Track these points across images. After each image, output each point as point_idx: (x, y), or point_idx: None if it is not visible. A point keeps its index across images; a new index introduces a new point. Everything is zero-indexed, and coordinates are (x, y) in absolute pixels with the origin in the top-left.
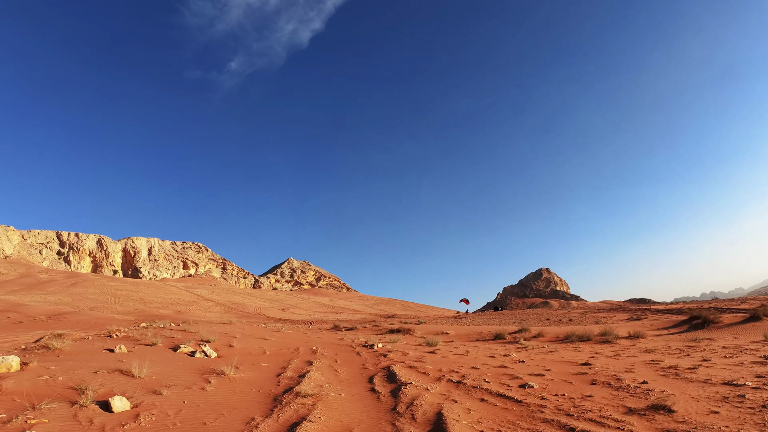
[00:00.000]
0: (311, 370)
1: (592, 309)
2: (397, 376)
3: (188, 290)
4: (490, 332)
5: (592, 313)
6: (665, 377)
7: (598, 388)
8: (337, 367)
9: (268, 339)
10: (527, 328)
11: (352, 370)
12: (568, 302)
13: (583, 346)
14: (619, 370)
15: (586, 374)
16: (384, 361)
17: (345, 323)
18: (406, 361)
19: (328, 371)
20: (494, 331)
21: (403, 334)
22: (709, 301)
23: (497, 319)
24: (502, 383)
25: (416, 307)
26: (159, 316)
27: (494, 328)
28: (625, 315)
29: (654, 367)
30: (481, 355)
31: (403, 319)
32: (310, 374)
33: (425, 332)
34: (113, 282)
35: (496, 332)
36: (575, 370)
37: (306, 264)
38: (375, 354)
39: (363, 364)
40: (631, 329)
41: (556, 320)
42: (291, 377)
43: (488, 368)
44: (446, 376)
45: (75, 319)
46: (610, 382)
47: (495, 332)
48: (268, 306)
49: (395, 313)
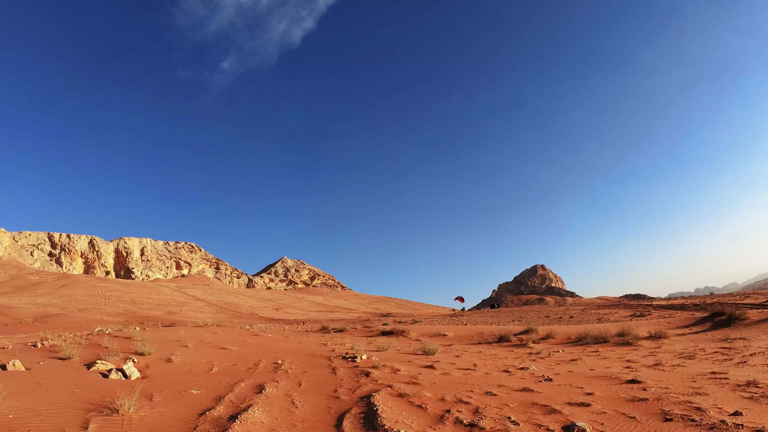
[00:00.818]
0: (256, 402)
1: (590, 305)
2: (380, 415)
3: (180, 290)
4: (492, 333)
5: (592, 310)
6: (754, 402)
7: (681, 429)
8: (297, 395)
9: (227, 349)
10: (533, 328)
11: (316, 402)
12: (563, 298)
13: (604, 350)
14: (684, 391)
15: (645, 400)
16: (366, 384)
17: (337, 323)
18: (394, 385)
19: (280, 404)
20: (497, 332)
21: (396, 337)
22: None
23: (495, 317)
24: (536, 423)
25: (411, 305)
26: (149, 317)
27: (496, 328)
28: (626, 311)
29: (723, 384)
30: (492, 368)
31: (397, 318)
32: (249, 413)
33: (421, 333)
34: (104, 283)
35: (500, 333)
36: (625, 392)
37: (300, 263)
38: (355, 371)
39: (336, 389)
40: (651, 329)
41: (556, 318)
42: (218, 418)
43: (508, 393)
44: (453, 412)
45: (62, 321)
46: (690, 416)
47: (498, 333)
48: (261, 306)
49: (390, 312)
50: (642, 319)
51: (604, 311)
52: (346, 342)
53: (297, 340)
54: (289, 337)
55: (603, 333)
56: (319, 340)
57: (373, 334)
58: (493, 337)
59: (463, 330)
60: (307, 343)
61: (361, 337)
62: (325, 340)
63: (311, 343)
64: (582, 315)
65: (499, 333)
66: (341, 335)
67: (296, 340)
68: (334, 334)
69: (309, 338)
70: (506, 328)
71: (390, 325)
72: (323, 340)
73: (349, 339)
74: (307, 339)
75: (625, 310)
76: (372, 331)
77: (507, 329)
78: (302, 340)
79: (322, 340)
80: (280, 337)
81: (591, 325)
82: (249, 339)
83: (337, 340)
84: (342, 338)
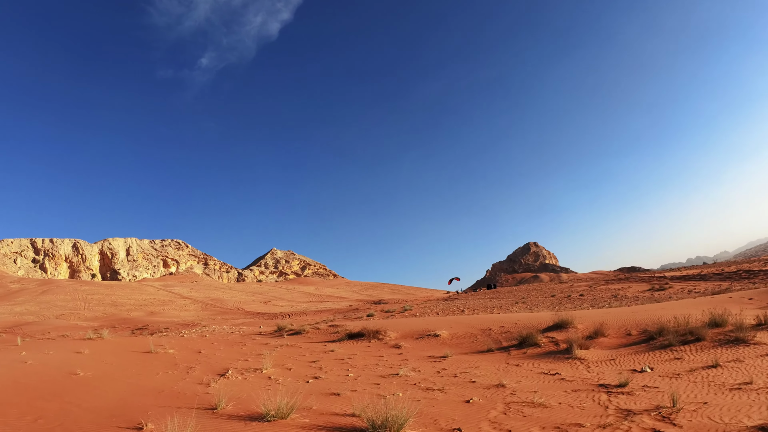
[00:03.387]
0: None
1: (596, 281)
2: None
3: (166, 289)
4: (504, 328)
5: (600, 285)
6: None
7: None
8: None
9: None
10: (568, 320)
11: None
12: (558, 275)
13: (711, 354)
14: None
15: None
16: None
17: (312, 317)
18: None
19: None
20: (511, 327)
21: (367, 341)
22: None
23: (494, 299)
24: None
25: (405, 290)
26: (129, 319)
27: (506, 318)
28: (641, 285)
29: None
30: None
31: (387, 306)
32: None
33: (404, 333)
34: (86, 287)
35: (518, 331)
36: None
37: (290, 253)
38: None
39: None
40: (760, 313)
41: (563, 297)
42: None
43: None
44: None
45: (35, 329)
46: None
47: (514, 330)
48: (249, 300)
49: (383, 298)
50: (662, 292)
51: (616, 286)
52: (286, 361)
53: (189, 364)
54: (201, 352)
55: (687, 323)
56: (236, 355)
57: (338, 336)
58: (508, 336)
59: (462, 324)
60: (193, 374)
61: (316, 344)
62: (245, 355)
63: (210, 367)
64: (592, 292)
65: (514, 329)
66: (295, 340)
67: (187, 365)
68: (288, 338)
69: (226, 353)
70: (522, 318)
71: (365, 323)
72: (241, 356)
73: (288, 355)
74: (218, 356)
75: (638, 284)
76: (339, 333)
77: (526, 322)
78: (206, 359)
79: (242, 355)
80: (178, 354)
81: (639, 308)
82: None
83: (271, 359)
84: (285, 353)
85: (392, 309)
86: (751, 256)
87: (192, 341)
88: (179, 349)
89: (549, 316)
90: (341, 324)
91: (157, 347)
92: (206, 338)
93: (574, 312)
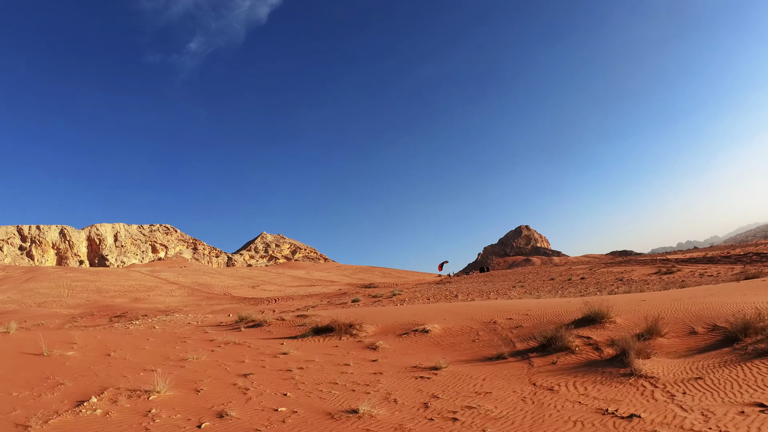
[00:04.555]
0: None
1: (593, 263)
2: None
3: (153, 275)
4: (515, 323)
5: (600, 268)
6: None
7: None
8: None
9: None
10: (603, 312)
11: None
12: (550, 258)
13: None
14: None
15: None
16: None
17: (286, 303)
18: None
19: None
20: (521, 320)
21: (337, 338)
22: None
23: (489, 282)
24: None
25: (396, 273)
26: (111, 306)
27: (509, 305)
28: (646, 269)
29: None
30: None
31: (375, 291)
32: None
33: (385, 327)
34: (71, 273)
35: (544, 332)
36: None
37: (281, 237)
38: None
39: None
40: None
41: (564, 280)
42: None
43: None
44: None
45: (13, 318)
46: None
47: (532, 327)
48: (237, 284)
49: (373, 282)
50: (669, 275)
51: (617, 269)
52: (158, 387)
53: (64, 378)
54: (111, 355)
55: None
56: (155, 359)
57: (301, 332)
58: (522, 333)
59: (458, 315)
60: (42, 400)
61: (270, 342)
62: (166, 360)
63: (88, 384)
64: (594, 275)
65: (527, 321)
66: (245, 336)
67: (60, 379)
68: (236, 334)
69: (145, 356)
70: (533, 307)
71: (337, 311)
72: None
73: (224, 359)
74: (127, 362)
75: (642, 267)
76: (305, 326)
77: (539, 311)
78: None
79: (162, 360)
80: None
81: (677, 293)
82: None
83: (206, 358)
84: (219, 354)
85: (380, 294)
86: (742, 241)
87: (122, 336)
88: (86, 350)
89: (569, 303)
90: (313, 314)
91: (64, 345)
92: (150, 331)
93: (596, 298)
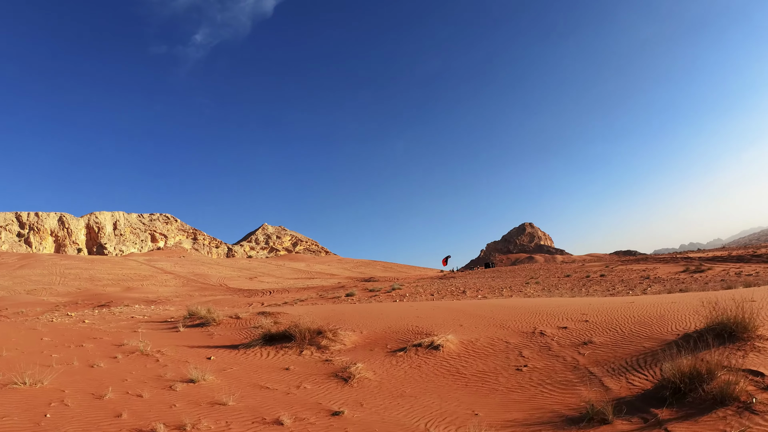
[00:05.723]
0: None
1: (607, 261)
2: None
3: (149, 264)
4: (575, 336)
5: (618, 266)
6: None
7: None
8: None
9: None
10: (747, 324)
11: None
12: (553, 256)
13: None
14: None
15: None
16: None
17: (290, 294)
18: None
19: None
20: (597, 337)
21: (297, 350)
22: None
23: (498, 279)
24: None
25: (398, 267)
26: (101, 294)
27: (559, 306)
28: (670, 267)
29: None
30: None
31: (369, 286)
32: None
33: (375, 334)
34: (66, 261)
35: (679, 367)
36: None
37: (282, 229)
38: None
39: None
40: None
41: (581, 277)
42: None
43: None
44: None
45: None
46: None
47: (612, 345)
48: (234, 275)
49: (374, 276)
50: (702, 274)
51: (638, 267)
52: None
53: None
54: None
55: None
56: None
57: (248, 338)
58: (601, 359)
59: (480, 321)
60: None
61: (198, 352)
62: None
63: None
64: (614, 273)
65: (600, 333)
66: (178, 339)
67: None
68: (159, 336)
69: None
70: (592, 308)
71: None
72: None
73: (97, 385)
74: None
75: (664, 265)
76: (261, 328)
77: (608, 315)
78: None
79: None
80: None
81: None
82: None
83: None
84: (100, 373)
85: (378, 288)
86: (746, 244)
87: (16, 331)
88: None
89: (646, 304)
90: (282, 311)
91: None
92: (60, 328)
93: (708, 294)
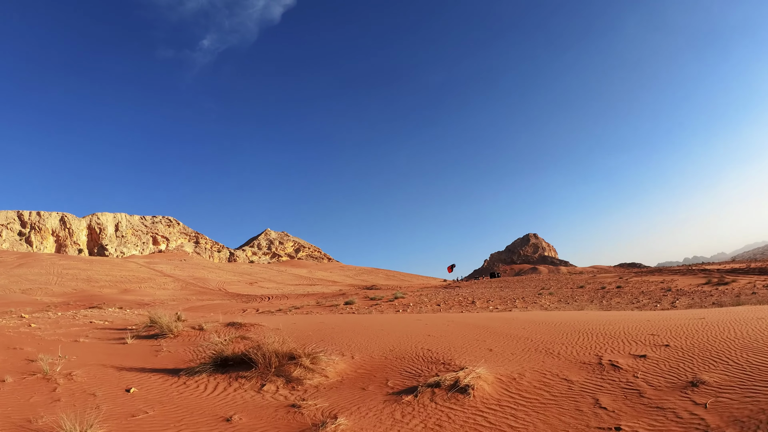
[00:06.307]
0: None
1: (619, 273)
2: None
3: (149, 266)
4: (676, 375)
5: (633, 277)
6: None
7: None
8: None
9: None
10: None
11: None
12: (557, 268)
13: None
14: None
15: None
16: None
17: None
18: None
19: None
20: (688, 366)
21: (255, 385)
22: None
23: (506, 288)
24: None
25: (401, 276)
26: (97, 296)
27: (597, 321)
28: (689, 278)
29: None
30: None
31: (370, 294)
32: None
33: (372, 359)
34: (64, 261)
35: None
36: None
37: (284, 235)
38: None
39: None
40: None
41: (596, 288)
42: None
43: None
44: None
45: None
46: None
47: (737, 399)
48: (234, 280)
49: (376, 284)
50: (727, 287)
51: (655, 278)
52: None
53: None
54: None
55: None
56: None
57: (199, 360)
58: (733, 417)
59: (517, 344)
60: None
61: (124, 375)
62: None
63: None
64: (630, 285)
65: (712, 371)
66: (123, 352)
67: None
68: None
69: None
70: (660, 329)
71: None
72: None
73: None
74: None
75: (682, 276)
76: (219, 346)
77: (719, 339)
78: None
79: None
80: None
81: None
82: None
83: None
84: None
85: (380, 296)
86: (752, 257)
87: None
88: None
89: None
90: (250, 323)
91: None
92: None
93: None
